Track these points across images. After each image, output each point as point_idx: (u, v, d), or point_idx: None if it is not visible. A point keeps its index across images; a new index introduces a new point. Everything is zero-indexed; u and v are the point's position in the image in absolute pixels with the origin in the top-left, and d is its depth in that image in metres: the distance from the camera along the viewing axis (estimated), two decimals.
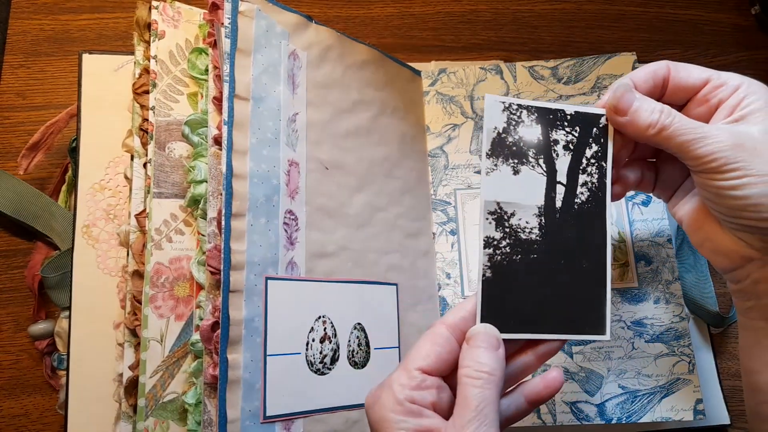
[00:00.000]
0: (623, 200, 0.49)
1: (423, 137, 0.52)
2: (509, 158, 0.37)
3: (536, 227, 0.36)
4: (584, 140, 0.37)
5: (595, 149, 0.37)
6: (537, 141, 0.37)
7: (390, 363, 0.44)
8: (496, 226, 0.36)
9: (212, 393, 0.36)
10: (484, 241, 0.36)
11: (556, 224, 0.37)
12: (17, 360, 0.47)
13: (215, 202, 0.38)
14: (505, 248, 0.36)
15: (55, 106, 0.52)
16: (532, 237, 0.36)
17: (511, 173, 0.36)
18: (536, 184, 0.37)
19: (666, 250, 0.48)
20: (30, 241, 0.50)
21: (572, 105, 0.37)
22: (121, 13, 0.56)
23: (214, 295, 0.37)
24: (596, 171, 0.37)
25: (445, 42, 0.59)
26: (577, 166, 0.37)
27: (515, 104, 0.37)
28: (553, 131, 0.37)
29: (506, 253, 0.36)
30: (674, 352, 0.46)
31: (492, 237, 0.36)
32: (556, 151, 0.37)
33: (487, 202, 0.36)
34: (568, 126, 0.37)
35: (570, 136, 0.37)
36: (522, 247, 0.36)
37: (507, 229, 0.36)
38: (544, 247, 0.36)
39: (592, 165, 0.37)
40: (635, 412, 0.44)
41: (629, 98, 0.35)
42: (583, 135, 0.37)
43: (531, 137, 0.37)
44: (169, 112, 0.43)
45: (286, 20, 0.43)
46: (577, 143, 0.37)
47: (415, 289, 0.47)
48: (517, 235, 0.36)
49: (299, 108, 0.42)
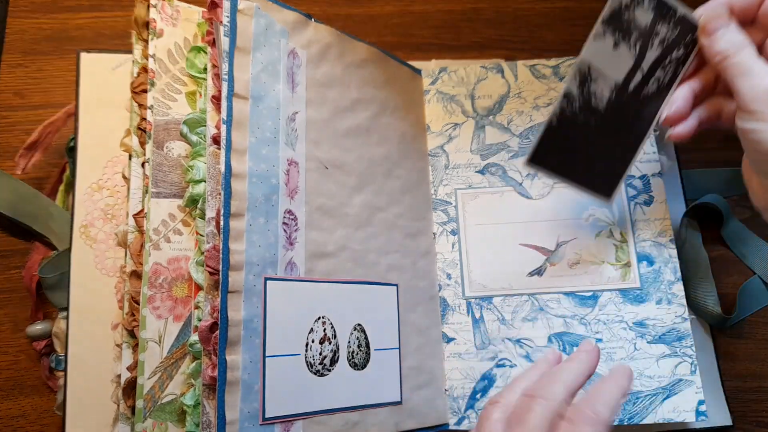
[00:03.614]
0: (626, 200, 0.49)
1: (423, 136, 0.52)
2: (617, 32, 0.41)
3: (606, 99, 0.42)
4: (677, 42, 0.41)
5: (680, 53, 0.41)
6: (644, 27, 0.41)
7: (390, 364, 0.44)
8: (578, 85, 0.41)
9: (211, 394, 0.36)
10: (564, 94, 0.41)
11: (621, 102, 0.42)
12: (15, 361, 0.47)
13: (214, 201, 0.38)
14: (575, 106, 0.42)
15: (53, 106, 0.52)
16: (599, 106, 0.42)
17: (612, 45, 0.41)
18: (624, 63, 0.41)
19: (668, 251, 0.48)
20: (28, 241, 0.49)
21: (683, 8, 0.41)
22: (119, 11, 0.56)
23: (212, 295, 0.37)
24: (672, 71, 0.42)
25: (446, 40, 0.59)
26: (661, 61, 0.42)
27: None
28: (660, 24, 0.41)
29: (575, 111, 0.42)
30: (676, 353, 0.45)
31: (571, 93, 0.41)
32: (653, 43, 0.41)
33: (583, 61, 0.41)
34: (672, 24, 0.41)
35: (669, 33, 0.41)
36: (588, 110, 0.42)
37: (585, 90, 0.42)
38: (604, 119, 0.42)
39: (670, 64, 0.42)
40: (637, 413, 0.44)
41: (717, 24, 0.38)
42: (678, 37, 0.41)
43: (642, 22, 0.41)
44: (167, 111, 0.43)
45: (285, 18, 0.43)
46: (671, 42, 0.41)
47: (415, 290, 0.47)
48: (589, 99, 0.42)
49: (299, 107, 0.42)
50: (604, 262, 0.48)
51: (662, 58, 0.41)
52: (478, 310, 0.48)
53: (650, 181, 0.49)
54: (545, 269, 0.48)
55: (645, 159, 0.50)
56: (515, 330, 0.47)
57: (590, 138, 0.43)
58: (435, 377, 0.46)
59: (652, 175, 0.50)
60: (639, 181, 0.50)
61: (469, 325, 0.47)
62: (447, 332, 0.47)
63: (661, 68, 0.42)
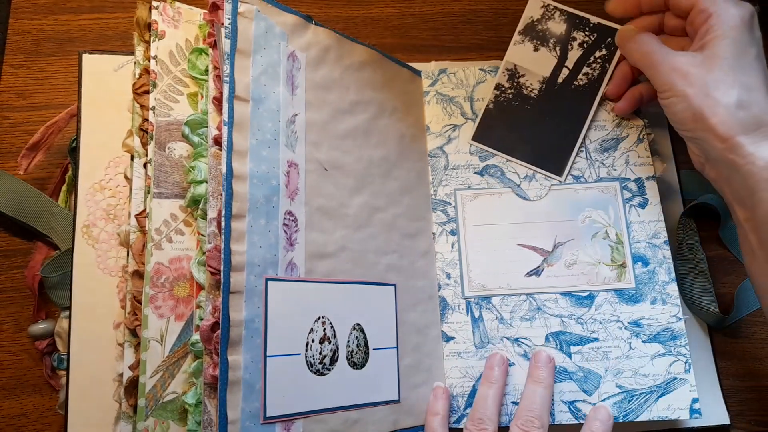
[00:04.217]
0: (621, 203, 0.50)
1: (423, 137, 0.52)
2: (534, 39, 0.51)
3: (537, 90, 0.51)
4: (597, 43, 0.51)
5: (603, 53, 0.51)
6: (560, 34, 0.51)
7: (388, 363, 0.44)
8: (507, 79, 0.52)
9: (212, 393, 0.36)
10: (495, 86, 0.52)
11: (553, 92, 0.51)
12: (17, 360, 0.48)
13: (215, 202, 0.38)
14: (508, 94, 0.51)
15: (55, 106, 0.52)
16: (531, 94, 0.51)
17: (532, 49, 0.51)
18: (548, 62, 0.51)
19: (662, 252, 0.48)
20: (30, 241, 0.50)
21: (597, 18, 0.51)
22: (121, 13, 0.56)
23: (214, 295, 0.37)
24: (599, 68, 0.51)
25: (445, 42, 0.59)
26: (585, 59, 0.51)
27: (552, 5, 0.52)
28: (575, 31, 0.51)
29: (508, 98, 0.51)
30: (671, 352, 0.46)
31: (502, 84, 0.52)
32: (572, 45, 0.51)
33: (507, 62, 0.52)
34: (588, 31, 0.51)
35: (587, 38, 0.51)
36: (521, 98, 0.51)
37: (515, 83, 0.51)
38: (538, 105, 0.51)
39: (597, 62, 0.51)
40: (632, 411, 0.45)
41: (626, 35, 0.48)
42: (598, 39, 0.51)
43: (557, 31, 0.51)
44: (169, 112, 0.44)
45: (284, 21, 0.43)
46: (591, 44, 0.51)
47: (414, 290, 0.47)
48: (520, 90, 0.51)
49: (298, 109, 0.43)
50: (600, 262, 0.48)
51: (586, 57, 0.50)
52: (477, 309, 0.48)
53: (644, 184, 0.50)
54: (543, 269, 0.49)
55: (639, 162, 0.51)
56: (513, 329, 0.47)
57: (530, 121, 0.51)
58: (433, 376, 0.46)
59: (647, 178, 0.50)
60: (634, 184, 0.50)
61: (469, 324, 0.48)
62: (446, 331, 0.48)
63: (587, 66, 0.50)
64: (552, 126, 0.50)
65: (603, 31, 0.51)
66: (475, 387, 0.46)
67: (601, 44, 0.51)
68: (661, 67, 0.43)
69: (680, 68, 0.42)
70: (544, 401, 0.43)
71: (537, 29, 0.51)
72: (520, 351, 0.47)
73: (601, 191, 0.50)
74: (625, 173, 0.50)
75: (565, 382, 0.46)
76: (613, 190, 0.50)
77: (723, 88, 0.41)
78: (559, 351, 0.47)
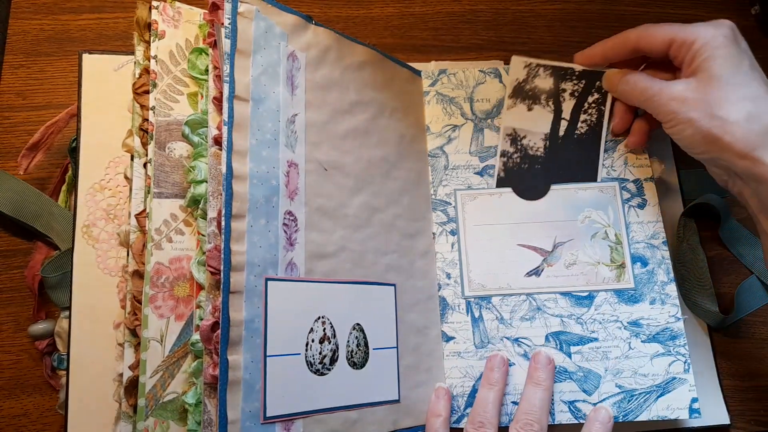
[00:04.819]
0: (620, 203, 0.50)
1: (423, 137, 0.52)
2: (525, 99, 0.51)
3: (542, 147, 0.50)
4: (588, 90, 0.51)
5: (596, 97, 0.51)
6: (549, 89, 0.51)
7: (388, 363, 0.44)
8: (510, 144, 0.51)
9: (212, 393, 0.36)
10: (501, 153, 0.51)
11: (558, 146, 0.51)
12: (17, 360, 0.48)
13: (215, 202, 0.38)
14: (515, 159, 0.51)
15: (55, 106, 0.52)
16: (538, 153, 0.50)
17: (525, 110, 0.51)
18: (545, 118, 0.51)
19: (661, 252, 0.48)
20: (30, 241, 0.50)
21: (579, 65, 0.51)
22: (121, 13, 0.56)
23: (214, 295, 0.37)
24: (596, 112, 0.51)
25: (445, 42, 0.59)
26: (580, 107, 0.51)
27: (534, 63, 0.52)
28: (563, 83, 0.51)
29: (516, 162, 0.51)
30: (670, 352, 0.46)
31: (506, 150, 0.51)
32: (563, 97, 0.51)
33: (506, 127, 0.51)
34: (576, 79, 0.51)
35: (576, 86, 0.51)
36: (529, 159, 0.51)
37: (519, 146, 0.51)
38: (547, 162, 0.50)
39: (592, 107, 0.51)
40: (632, 410, 0.45)
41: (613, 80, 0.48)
42: (587, 86, 0.51)
43: (544, 86, 0.51)
44: (169, 112, 0.44)
45: (284, 21, 0.43)
46: (582, 92, 0.51)
47: (413, 290, 0.47)
48: (526, 151, 0.51)
49: (298, 109, 0.43)
50: (599, 263, 0.48)
51: (580, 105, 0.51)
52: (477, 309, 0.48)
53: (643, 185, 0.50)
54: (542, 270, 0.49)
55: (638, 164, 0.51)
56: (513, 329, 0.47)
57: (544, 180, 0.50)
58: (433, 376, 0.47)
59: (645, 180, 0.50)
60: (633, 185, 0.50)
61: (469, 324, 0.48)
62: (447, 331, 0.48)
63: (583, 113, 0.50)
64: (566, 179, 0.50)
65: (590, 77, 0.51)
66: (475, 387, 0.46)
67: (591, 89, 0.51)
68: (659, 99, 0.43)
69: (678, 96, 0.42)
70: (544, 403, 0.43)
71: (525, 89, 0.51)
72: (520, 351, 0.47)
73: (600, 191, 0.50)
74: (624, 174, 0.50)
75: (564, 382, 0.46)
76: (612, 190, 0.50)
77: (727, 106, 0.41)
78: (558, 351, 0.47)
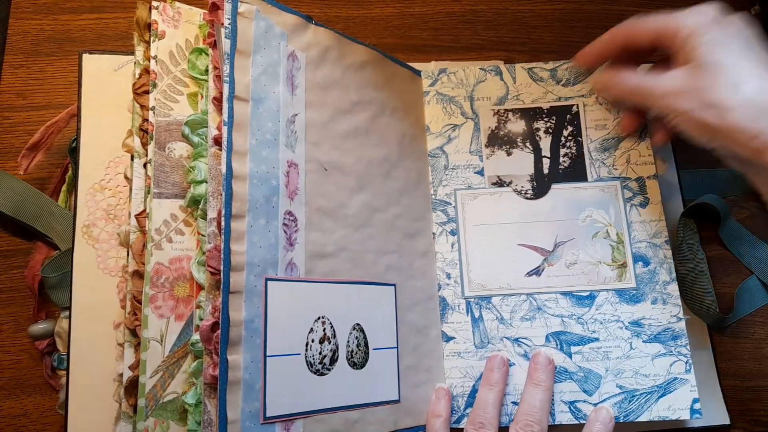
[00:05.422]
0: (621, 202, 0.49)
1: (423, 137, 0.52)
2: (503, 145, 0.51)
3: (530, 188, 0.50)
4: (560, 124, 0.52)
5: (570, 129, 0.51)
6: (523, 131, 0.52)
7: (388, 363, 0.44)
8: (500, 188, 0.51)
9: (212, 393, 0.36)
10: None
11: (545, 184, 0.51)
12: (17, 360, 0.48)
13: (215, 202, 0.38)
14: None
15: (55, 106, 0.52)
16: (528, 196, 0.50)
17: (505, 155, 0.51)
18: (526, 160, 0.51)
19: (663, 251, 0.48)
20: (30, 241, 0.50)
21: (548, 102, 0.52)
22: (121, 13, 0.56)
23: (213, 295, 0.37)
24: (574, 144, 0.51)
25: (445, 42, 0.59)
26: (558, 143, 0.51)
27: (503, 109, 0.52)
28: (534, 122, 0.52)
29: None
30: (671, 352, 0.46)
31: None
32: (539, 135, 0.51)
33: (489, 176, 0.51)
34: (546, 117, 0.52)
35: (549, 123, 0.52)
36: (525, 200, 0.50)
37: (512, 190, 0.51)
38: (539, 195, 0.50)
39: (569, 140, 0.51)
40: (633, 411, 0.45)
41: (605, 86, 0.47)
42: (559, 121, 0.52)
43: (518, 129, 0.52)
44: (169, 113, 0.44)
45: (284, 21, 0.43)
46: (555, 128, 0.51)
47: (413, 290, 0.47)
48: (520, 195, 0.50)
49: (298, 109, 0.43)
50: (600, 262, 0.48)
51: (557, 140, 0.51)
52: (477, 309, 0.48)
53: (645, 184, 0.50)
54: (543, 269, 0.49)
55: (640, 161, 0.51)
56: (514, 329, 0.47)
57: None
58: (433, 376, 0.46)
59: (648, 178, 0.50)
60: (635, 183, 0.50)
61: (469, 324, 0.48)
62: (447, 331, 0.48)
63: (562, 147, 0.51)
64: None
65: (559, 111, 0.51)
66: (476, 387, 0.46)
67: (564, 123, 0.51)
68: (653, 95, 0.42)
69: (671, 89, 0.41)
70: (544, 404, 0.43)
71: (500, 136, 0.51)
72: (521, 351, 0.47)
73: (601, 190, 0.50)
74: (626, 172, 0.50)
75: (565, 382, 0.46)
76: (613, 189, 0.50)
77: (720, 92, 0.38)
78: (559, 351, 0.47)
